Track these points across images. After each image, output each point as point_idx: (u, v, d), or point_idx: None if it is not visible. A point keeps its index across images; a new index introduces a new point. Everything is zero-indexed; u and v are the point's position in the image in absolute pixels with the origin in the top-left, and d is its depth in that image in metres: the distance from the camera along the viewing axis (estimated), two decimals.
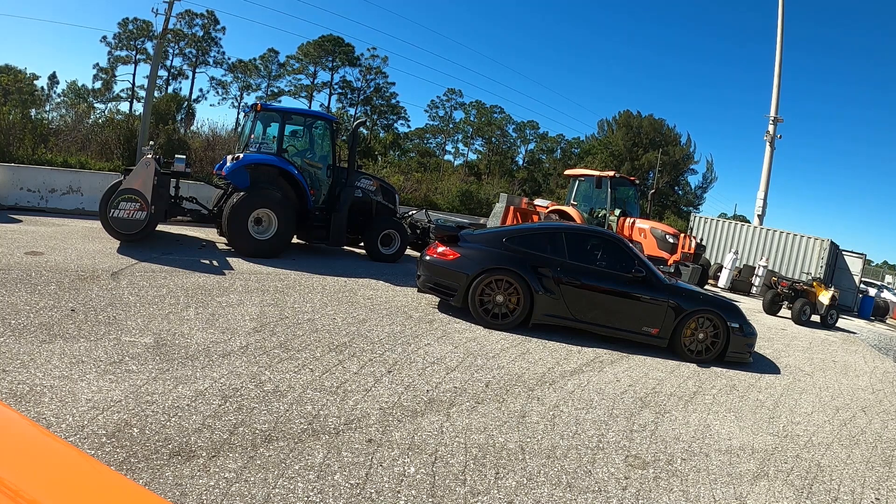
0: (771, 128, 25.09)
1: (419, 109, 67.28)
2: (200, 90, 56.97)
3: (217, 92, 48.38)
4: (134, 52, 44.67)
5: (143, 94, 34.37)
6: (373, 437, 3.11)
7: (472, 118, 53.89)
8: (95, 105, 38.28)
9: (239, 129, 14.61)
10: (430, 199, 23.82)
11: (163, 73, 43.20)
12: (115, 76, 44.53)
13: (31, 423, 1.21)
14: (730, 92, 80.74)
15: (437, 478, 2.80)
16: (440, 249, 6.34)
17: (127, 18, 43.76)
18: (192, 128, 24.14)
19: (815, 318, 12.16)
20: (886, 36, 71.10)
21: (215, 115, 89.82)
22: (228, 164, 8.22)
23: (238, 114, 45.57)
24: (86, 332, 3.99)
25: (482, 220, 15.38)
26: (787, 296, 12.30)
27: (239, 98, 48.39)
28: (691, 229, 19.82)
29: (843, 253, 18.81)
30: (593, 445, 3.53)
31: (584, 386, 4.68)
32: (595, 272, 6.27)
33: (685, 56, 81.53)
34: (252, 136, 8.75)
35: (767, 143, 25.33)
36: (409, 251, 10.25)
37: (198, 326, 4.50)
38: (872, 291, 20.87)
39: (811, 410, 5.21)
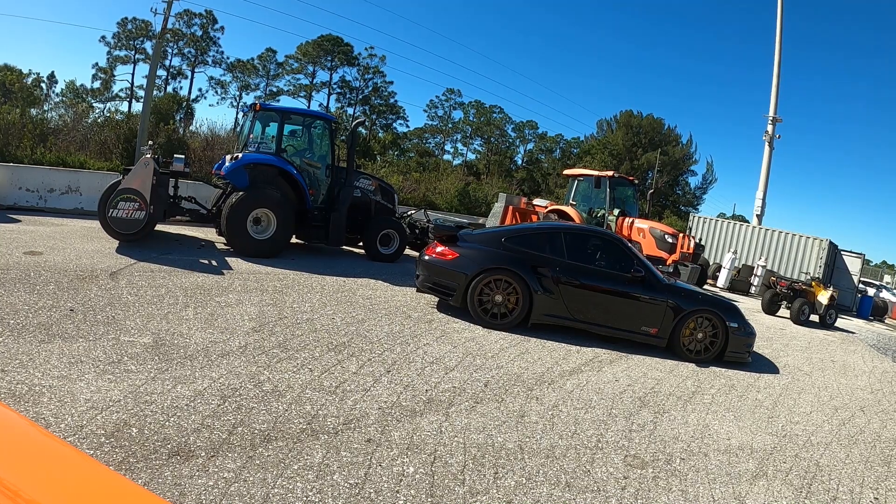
0: (770, 127, 25.08)
1: (418, 109, 67.60)
2: (199, 90, 56.87)
3: (216, 92, 48.38)
4: (133, 52, 44.61)
5: (142, 93, 34.22)
6: (372, 436, 3.12)
7: (471, 118, 53.87)
8: (94, 105, 38.28)
9: (238, 129, 14.58)
10: (428, 199, 23.84)
11: (162, 72, 43.14)
12: (114, 76, 44.48)
13: (30, 423, 1.22)
14: (730, 92, 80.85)
15: (435, 477, 2.80)
16: (439, 249, 6.34)
17: (126, 18, 43.74)
18: (191, 127, 24.14)
19: (814, 317, 12.17)
20: (887, 34, 71.31)
21: (214, 114, 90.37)
22: (227, 163, 8.21)
23: (237, 113, 45.56)
24: (84, 332, 3.99)
25: (481, 220, 15.37)
26: (785, 296, 12.31)
27: (238, 98, 48.38)
28: (690, 229, 19.82)
29: (842, 253, 18.82)
30: (592, 445, 3.54)
31: (583, 386, 4.68)
32: (594, 272, 6.27)
33: (685, 56, 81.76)
34: (251, 135, 8.74)
35: (766, 143, 25.32)
36: (407, 251, 10.25)
37: (196, 326, 4.50)
38: (871, 291, 20.89)
39: (810, 410, 5.22)
